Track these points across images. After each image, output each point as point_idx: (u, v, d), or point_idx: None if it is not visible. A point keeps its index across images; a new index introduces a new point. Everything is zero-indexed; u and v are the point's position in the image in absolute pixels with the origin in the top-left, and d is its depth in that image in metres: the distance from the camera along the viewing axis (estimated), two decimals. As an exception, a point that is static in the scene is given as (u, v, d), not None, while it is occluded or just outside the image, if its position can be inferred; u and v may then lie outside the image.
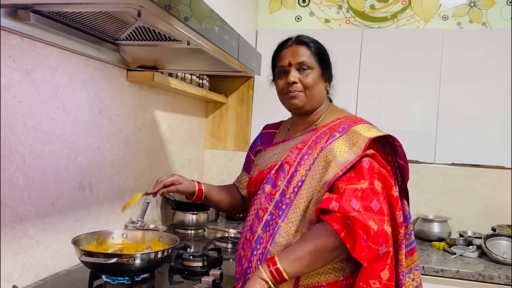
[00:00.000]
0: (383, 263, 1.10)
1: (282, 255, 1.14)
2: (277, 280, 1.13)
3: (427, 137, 2.53)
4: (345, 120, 1.30)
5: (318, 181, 1.21)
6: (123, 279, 1.35)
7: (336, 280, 1.20)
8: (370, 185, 1.14)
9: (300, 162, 1.26)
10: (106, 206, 1.81)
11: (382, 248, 1.08)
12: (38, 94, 1.39)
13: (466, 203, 2.55)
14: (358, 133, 1.22)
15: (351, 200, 1.10)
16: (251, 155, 1.53)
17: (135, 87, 1.96)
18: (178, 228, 2.31)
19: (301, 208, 1.22)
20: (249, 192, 1.42)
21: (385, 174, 1.19)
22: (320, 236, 1.12)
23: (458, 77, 2.50)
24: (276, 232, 1.23)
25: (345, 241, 1.09)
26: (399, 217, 1.19)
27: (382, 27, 2.76)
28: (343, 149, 1.21)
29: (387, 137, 1.25)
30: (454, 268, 1.99)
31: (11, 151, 1.30)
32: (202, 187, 1.48)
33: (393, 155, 1.29)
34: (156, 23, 1.27)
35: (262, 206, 1.29)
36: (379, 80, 2.60)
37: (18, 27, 1.24)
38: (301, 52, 1.30)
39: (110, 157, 1.81)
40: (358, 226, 1.07)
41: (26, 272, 1.39)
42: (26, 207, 1.37)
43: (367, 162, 1.17)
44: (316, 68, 1.30)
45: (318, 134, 1.29)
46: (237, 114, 2.85)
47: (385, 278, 1.10)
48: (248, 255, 1.27)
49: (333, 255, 1.15)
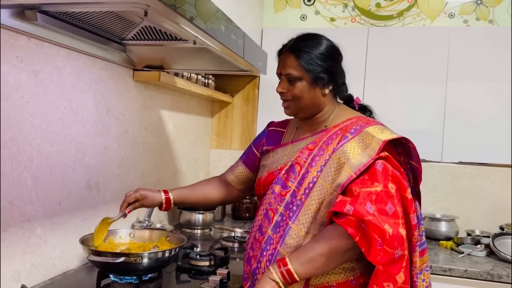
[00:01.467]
0: (399, 266, 1.09)
1: (293, 256, 1.14)
2: (287, 281, 1.12)
3: (434, 136, 2.51)
4: (357, 121, 1.27)
5: (330, 183, 1.20)
6: (131, 278, 1.35)
7: (346, 280, 1.19)
8: (385, 187, 1.13)
9: (311, 163, 1.24)
10: (113, 206, 1.81)
11: (397, 252, 1.07)
12: (46, 94, 1.40)
13: (473, 201, 2.53)
14: (371, 135, 1.20)
15: (366, 204, 1.09)
16: (255, 150, 1.50)
17: (141, 87, 1.97)
18: (184, 227, 2.31)
19: (312, 210, 1.20)
20: (258, 193, 1.40)
21: (399, 176, 1.17)
22: (332, 238, 1.11)
23: (465, 75, 2.48)
24: (286, 233, 1.22)
25: (360, 245, 1.08)
26: (413, 219, 1.18)
27: (388, 25, 2.74)
28: (356, 151, 1.19)
29: (400, 139, 1.23)
30: (462, 267, 1.98)
31: (19, 151, 1.30)
32: (170, 196, 1.46)
33: (405, 156, 1.28)
34: (163, 23, 1.27)
35: (272, 206, 1.28)
36: (385, 79, 2.59)
37: (26, 28, 1.25)
38: (288, 63, 1.27)
39: (117, 157, 1.82)
40: (373, 229, 1.06)
41: (34, 271, 1.40)
42: (34, 206, 1.38)
43: (381, 164, 1.16)
44: (305, 78, 1.25)
45: (330, 135, 1.27)
46: (243, 114, 2.85)
47: (401, 281, 1.09)
48: (257, 255, 1.27)
49: (345, 257, 1.14)
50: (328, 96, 1.31)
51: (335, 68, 1.29)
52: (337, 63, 1.31)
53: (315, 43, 1.28)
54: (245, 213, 2.65)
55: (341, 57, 1.34)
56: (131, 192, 1.43)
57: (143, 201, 1.43)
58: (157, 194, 1.45)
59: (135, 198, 1.42)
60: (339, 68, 1.32)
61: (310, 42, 1.28)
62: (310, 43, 1.27)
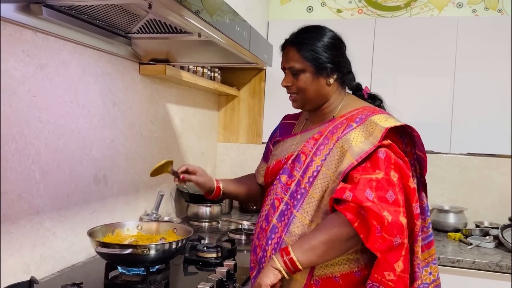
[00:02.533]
0: (397, 254, 1.09)
1: (296, 245, 1.14)
2: (290, 270, 1.13)
3: (442, 127, 2.49)
4: (363, 110, 1.27)
5: (333, 171, 1.20)
6: (139, 270, 1.36)
7: (350, 271, 1.19)
8: (386, 175, 1.13)
9: (316, 152, 1.25)
10: (121, 199, 1.83)
11: (396, 239, 1.07)
12: (52, 88, 1.40)
13: (482, 193, 2.51)
14: (375, 123, 1.20)
15: (366, 190, 1.09)
16: (270, 145, 1.52)
17: (147, 81, 1.97)
18: (192, 220, 2.32)
19: (316, 198, 1.21)
20: (266, 181, 1.42)
21: (402, 164, 1.17)
22: (334, 225, 1.12)
23: (474, 66, 2.45)
24: (291, 222, 1.23)
25: (359, 231, 1.08)
26: (415, 209, 1.17)
27: (395, 16, 2.72)
28: (359, 139, 1.19)
29: (405, 127, 1.23)
30: (471, 258, 1.97)
31: (26, 144, 1.32)
32: (220, 185, 1.50)
33: (411, 146, 1.27)
34: (167, 15, 1.27)
35: (278, 196, 1.29)
36: (392, 71, 2.57)
37: (31, 22, 1.25)
38: (290, 56, 1.29)
39: (124, 150, 1.83)
40: (372, 216, 1.06)
41: (43, 263, 1.42)
42: (42, 199, 1.39)
43: (383, 152, 1.16)
44: (308, 69, 1.27)
45: (335, 124, 1.27)
46: (249, 107, 2.85)
47: (399, 269, 1.09)
48: (263, 244, 1.28)
49: (347, 245, 1.14)
50: (334, 86, 1.31)
51: (338, 57, 1.29)
52: (340, 52, 1.31)
53: (316, 34, 1.29)
54: (252, 206, 2.65)
55: (344, 46, 1.33)
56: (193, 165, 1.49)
57: (198, 177, 1.46)
58: (211, 180, 1.49)
59: (194, 170, 1.45)
60: (342, 57, 1.31)
61: (310, 33, 1.29)
62: (311, 35, 1.28)
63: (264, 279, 1.12)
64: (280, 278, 1.13)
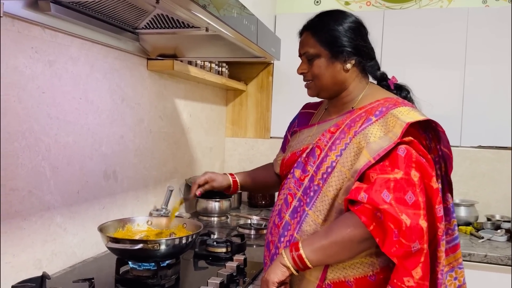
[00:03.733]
0: (415, 260, 1.02)
1: (307, 242, 1.09)
2: (299, 267, 1.08)
3: (453, 120, 2.47)
4: (384, 102, 1.18)
5: (348, 168, 1.13)
6: (149, 264, 1.37)
7: (365, 275, 1.13)
8: (406, 175, 1.05)
9: (331, 147, 1.17)
10: (131, 194, 1.83)
11: (414, 245, 1.00)
12: (61, 84, 1.41)
13: (493, 186, 2.49)
14: (396, 117, 1.11)
15: (382, 191, 1.02)
16: (288, 135, 1.46)
17: (155, 76, 1.97)
18: (201, 215, 2.32)
19: (330, 197, 1.14)
20: (281, 173, 1.36)
21: (424, 163, 1.08)
22: (347, 226, 1.05)
23: (484, 57, 2.42)
24: (303, 219, 1.17)
25: (374, 235, 1.02)
26: (438, 211, 1.09)
27: (404, 8, 2.69)
28: (377, 135, 1.11)
29: (429, 122, 1.14)
30: (482, 252, 1.95)
31: (36, 141, 1.32)
32: (237, 179, 1.49)
33: (436, 141, 1.18)
34: (175, 10, 1.26)
35: (291, 191, 1.23)
36: (402, 64, 2.54)
37: (40, 18, 1.26)
38: (305, 41, 1.24)
39: (133, 146, 1.83)
40: (389, 219, 0.99)
41: (55, 259, 1.43)
42: (53, 195, 1.40)
43: (403, 149, 1.07)
44: (322, 53, 1.20)
45: (353, 117, 1.19)
46: (257, 102, 2.84)
47: (417, 276, 1.02)
48: (275, 241, 1.24)
49: (360, 247, 1.08)
50: (353, 72, 1.23)
51: (357, 41, 1.21)
52: (359, 35, 1.22)
53: (333, 17, 1.22)
54: (261, 201, 2.65)
55: (365, 31, 1.25)
56: (200, 175, 1.48)
57: (212, 183, 1.46)
58: (225, 176, 1.48)
59: (204, 180, 1.45)
60: (362, 41, 1.23)
61: (327, 17, 1.23)
62: (327, 18, 1.23)
63: (272, 276, 1.09)
64: (288, 275, 1.09)
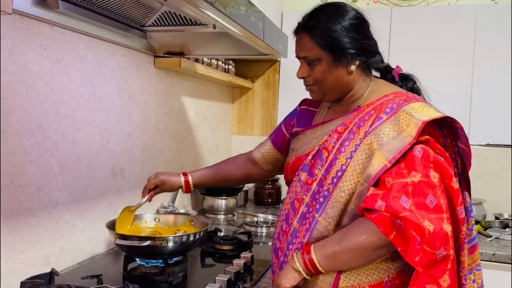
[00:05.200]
0: (443, 268, 0.95)
1: (319, 246, 1.04)
2: (310, 271, 1.04)
3: (461, 118, 2.36)
4: (394, 98, 1.10)
5: (361, 171, 1.05)
6: (157, 261, 1.37)
7: (380, 282, 1.06)
8: (425, 177, 0.98)
9: (340, 149, 1.09)
10: (138, 191, 1.82)
11: (440, 252, 0.93)
12: (69, 82, 1.41)
13: (502, 184, 2.47)
14: (409, 115, 1.04)
15: (400, 198, 0.95)
16: (284, 130, 1.37)
17: (162, 74, 1.97)
18: (208, 212, 2.33)
19: (342, 202, 1.06)
20: (286, 179, 1.27)
21: (443, 162, 1.01)
22: (361, 233, 0.99)
23: (493, 55, 2.39)
24: (313, 227, 1.09)
25: (395, 244, 0.95)
26: (460, 213, 1.01)
27: (411, 5, 2.67)
28: (391, 134, 1.03)
29: (445, 118, 1.07)
30: (490, 251, 1.94)
31: (45, 138, 1.33)
32: (189, 179, 1.46)
33: (452, 137, 1.11)
34: (182, 7, 1.26)
35: (298, 196, 1.16)
36: (409, 61, 2.48)
37: (48, 16, 1.26)
38: (303, 44, 1.13)
39: (140, 143, 1.84)
40: (410, 226, 0.92)
41: (63, 255, 1.44)
42: (61, 192, 1.41)
43: (420, 149, 1.00)
44: (324, 57, 1.11)
45: (362, 116, 1.11)
46: (264, 99, 2.83)
47: (446, 285, 0.95)
48: (284, 248, 1.17)
49: (375, 255, 1.02)
50: (357, 73, 1.14)
51: (360, 40, 1.11)
52: (362, 33, 1.13)
53: (331, 15, 1.11)
54: (267, 198, 2.65)
55: (366, 25, 1.15)
56: (152, 177, 1.45)
57: (162, 187, 1.45)
58: (177, 177, 1.46)
59: (154, 184, 1.44)
60: (365, 38, 1.13)
61: (324, 15, 1.11)
62: (324, 17, 1.11)
63: (284, 281, 1.06)
64: (300, 280, 1.06)
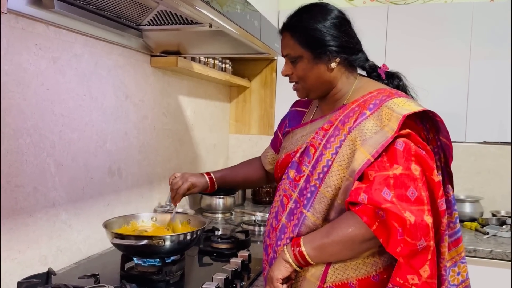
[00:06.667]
0: (423, 258, 0.98)
1: (308, 239, 1.08)
2: (300, 263, 1.07)
3: (457, 116, 2.45)
4: (377, 94, 1.13)
5: (346, 166, 1.09)
6: (154, 260, 1.37)
7: (367, 276, 1.09)
8: (406, 170, 1.01)
9: (326, 145, 1.12)
10: (135, 191, 1.84)
11: (420, 242, 0.96)
12: (65, 81, 1.41)
13: (498, 182, 2.48)
14: (390, 110, 1.07)
15: (382, 190, 0.99)
16: (279, 133, 1.43)
17: (159, 73, 1.97)
18: (205, 212, 2.33)
19: (329, 197, 1.09)
20: (276, 177, 1.32)
21: (425, 156, 1.04)
22: (349, 225, 1.03)
23: (489, 53, 2.40)
24: (302, 222, 1.12)
25: (378, 235, 0.99)
26: (441, 205, 1.05)
27: (408, 3, 2.67)
28: (373, 130, 1.06)
29: (426, 112, 1.10)
30: (487, 248, 1.94)
31: (41, 137, 1.32)
32: (213, 177, 1.46)
33: (434, 132, 1.14)
34: (178, 6, 1.26)
35: (286, 192, 1.19)
36: (406, 59, 2.53)
37: (43, 15, 1.26)
38: (285, 42, 1.18)
39: (137, 142, 1.83)
40: (392, 218, 0.96)
41: (60, 255, 1.43)
42: (57, 192, 1.41)
43: (401, 143, 1.03)
44: (304, 55, 1.14)
45: (346, 112, 1.14)
46: (261, 98, 2.84)
47: (426, 275, 0.98)
48: (273, 244, 1.20)
49: (363, 247, 1.05)
50: (339, 70, 1.17)
51: (341, 38, 1.14)
52: (343, 31, 1.15)
53: (313, 14, 1.15)
54: (265, 197, 2.65)
55: (348, 24, 1.18)
56: (178, 180, 1.42)
57: (193, 190, 1.44)
58: (202, 178, 1.45)
59: (188, 188, 1.41)
60: (346, 36, 1.16)
61: (306, 14, 1.16)
62: (305, 16, 1.15)
63: (276, 272, 1.09)
64: (291, 270, 1.08)
